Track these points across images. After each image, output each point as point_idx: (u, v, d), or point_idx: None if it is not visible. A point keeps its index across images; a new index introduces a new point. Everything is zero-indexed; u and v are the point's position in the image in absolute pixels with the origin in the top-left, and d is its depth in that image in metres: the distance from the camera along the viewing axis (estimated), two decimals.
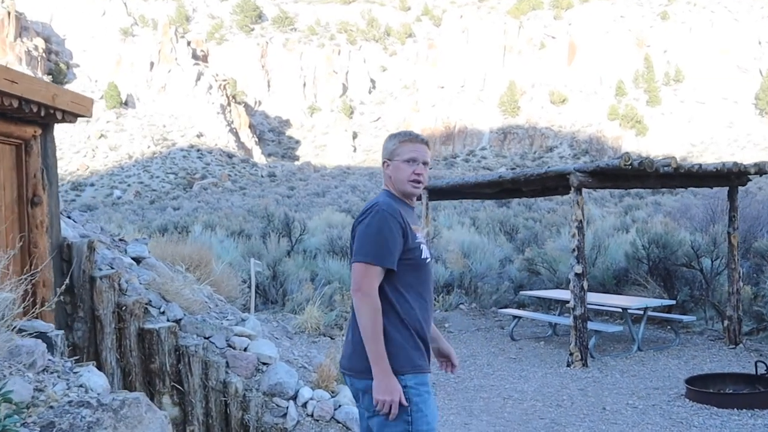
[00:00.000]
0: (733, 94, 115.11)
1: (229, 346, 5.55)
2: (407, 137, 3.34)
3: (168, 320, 5.40)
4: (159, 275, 5.97)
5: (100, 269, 5.22)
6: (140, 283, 5.58)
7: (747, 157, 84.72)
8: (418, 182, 3.30)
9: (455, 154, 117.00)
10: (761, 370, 7.92)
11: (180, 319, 5.48)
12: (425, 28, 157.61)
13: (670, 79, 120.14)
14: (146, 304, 5.33)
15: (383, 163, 3.37)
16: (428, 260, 3.30)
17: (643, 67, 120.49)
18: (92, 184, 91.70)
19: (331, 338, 11.64)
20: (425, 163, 3.32)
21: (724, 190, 19.12)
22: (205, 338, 5.45)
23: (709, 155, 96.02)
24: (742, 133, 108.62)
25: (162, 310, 5.49)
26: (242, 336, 5.74)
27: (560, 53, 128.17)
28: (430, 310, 3.33)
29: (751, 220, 14.41)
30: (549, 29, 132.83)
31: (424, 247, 3.28)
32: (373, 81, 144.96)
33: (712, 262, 12.87)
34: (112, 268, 5.36)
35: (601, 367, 9.49)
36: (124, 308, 5.09)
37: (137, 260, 6.28)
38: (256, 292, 14.74)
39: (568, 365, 9.49)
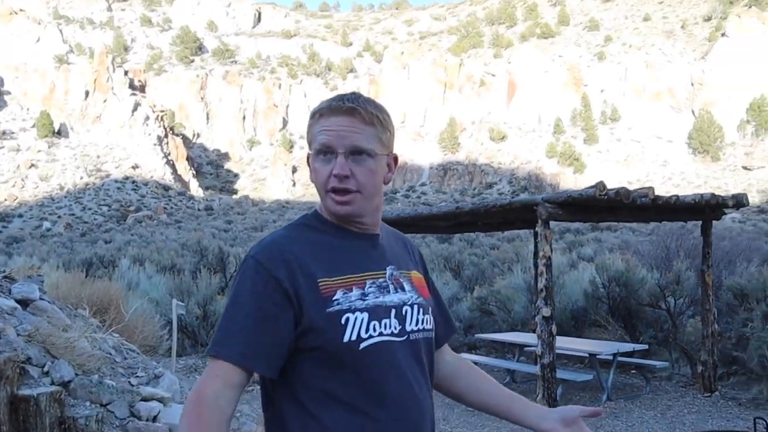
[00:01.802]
0: (667, 133, 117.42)
1: (134, 415, 4.33)
2: (319, 108, 1.84)
3: (53, 383, 4.18)
4: (50, 322, 4.75)
5: None
6: (19, 335, 4.35)
7: (681, 195, 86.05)
8: (344, 192, 1.79)
9: (395, 190, 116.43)
10: (761, 429, 6.98)
11: (69, 381, 4.26)
12: (366, 63, 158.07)
13: (606, 118, 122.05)
14: (23, 362, 4.11)
15: (307, 160, 1.91)
16: (379, 341, 1.75)
17: (580, 105, 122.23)
18: (20, 215, 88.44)
19: None
20: (357, 152, 1.79)
21: (666, 225, 18.45)
22: (101, 406, 4.23)
23: None
24: (677, 171, 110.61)
25: (46, 369, 4.26)
26: (152, 400, 4.54)
27: (500, 91, 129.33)
28: None
29: (720, 255, 13.70)
30: (489, 67, 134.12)
31: (359, 318, 1.74)
32: None
33: (675, 301, 12.06)
34: None
35: None
36: None
37: (24, 303, 5.04)
38: (183, 333, 13.44)
39: None
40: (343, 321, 1.72)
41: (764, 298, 10.20)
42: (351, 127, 1.78)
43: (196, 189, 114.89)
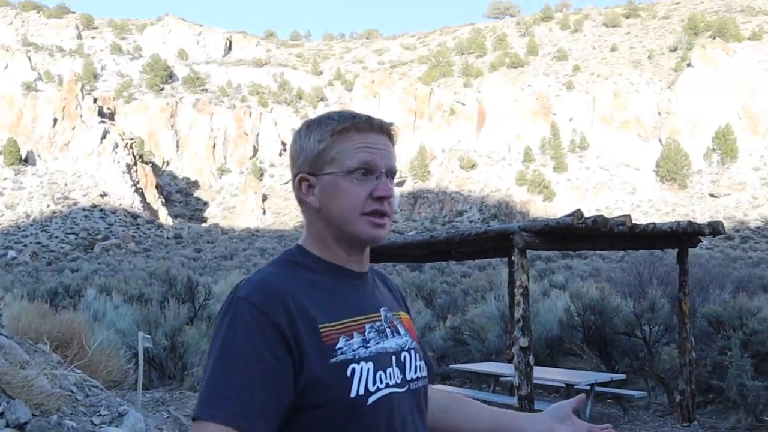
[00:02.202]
0: (635, 161, 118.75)
1: None
2: (350, 122, 1.64)
3: (8, 425, 3.92)
4: (7, 359, 4.50)
5: None
6: None
7: (657, 222, 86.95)
8: (384, 215, 1.64)
9: None
10: None
11: (25, 423, 4.00)
12: (337, 92, 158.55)
13: (575, 146, 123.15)
14: None
15: (299, 181, 1.66)
16: (386, 394, 1.56)
17: (549, 134, 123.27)
18: None
19: None
20: (391, 174, 1.66)
21: (636, 253, 18.43)
22: None
23: None
24: (645, 198, 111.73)
25: (0, 410, 4.00)
26: None
27: (470, 119, 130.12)
28: None
29: (693, 282, 13.64)
30: (459, 96, 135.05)
31: (365, 368, 1.54)
32: (284, 143, 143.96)
33: (651, 329, 11.97)
34: None
35: None
36: None
37: None
38: (151, 365, 13.09)
39: None
40: (348, 373, 1.51)
41: (741, 326, 10.13)
42: (387, 146, 1.66)
43: (165, 217, 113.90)
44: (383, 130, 1.67)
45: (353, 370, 1.52)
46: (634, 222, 8.31)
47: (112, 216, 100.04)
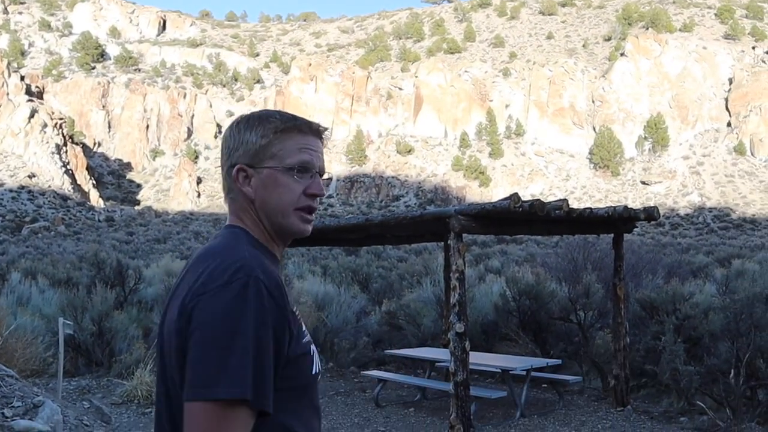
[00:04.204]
0: (569, 148, 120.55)
1: None
2: (292, 123, 1.77)
3: None
4: None
5: None
6: None
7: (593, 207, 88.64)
8: (313, 211, 1.78)
9: None
10: None
11: None
12: (273, 74, 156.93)
13: (511, 133, 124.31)
14: None
15: (237, 172, 1.74)
16: (319, 375, 1.73)
17: (485, 120, 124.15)
18: None
19: None
20: (322, 175, 1.81)
21: (570, 238, 18.63)
22: None
23: None
24: (579, 185, 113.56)
25: None
26: None
27: (407, 104, 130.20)
28: None
29: (626, 268, 13.75)
30: (396, 81, 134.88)
31: (314, 349, 1.72)
32: (219, 126, 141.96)
33: (585, 314, 12.01)
34: None
35: None
36: None
37: None
38: (77, 351, 12.65)
39: None
40: (311, 352, 1.69)
41: (674, 311, 10.21)
42: (321, 149, 1.84)
43: (96, 200, 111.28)
44: (319, 133, 1.84)
45: (313, 350, 1.70)
46: (571, 207, 8.26)
47: (41, 198, 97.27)
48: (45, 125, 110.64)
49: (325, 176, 1.82)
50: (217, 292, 1.50)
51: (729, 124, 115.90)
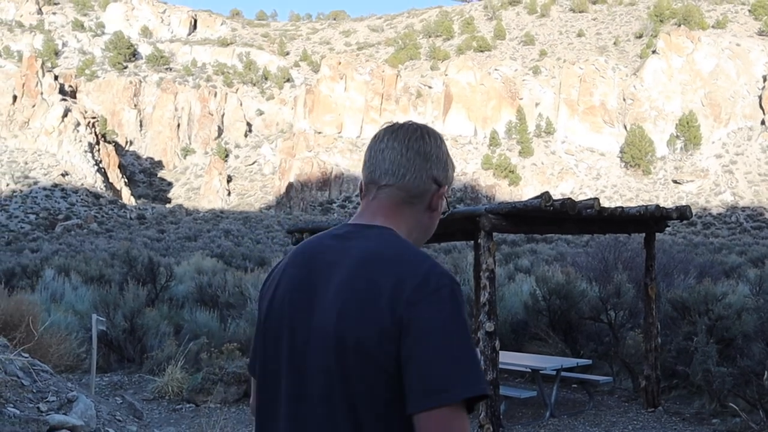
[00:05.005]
0: (600, 146, 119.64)
1: None
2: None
3: None
4: None
5: None
6: None
7: (625, 207, 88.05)
8: None
9: (331, 200, 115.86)
10: None
11: None
12: (303, 73, 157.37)
13: (541, 131, 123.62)
14: None
15: (436, 184, 1.82)
16: None
17: (515, 118, 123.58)
18: None
19: (196, 405, 9.89)
20: None
21: (601, 237, 18.44)
22: None
23: None
24: (609, 184, 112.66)
25: None
26: (62, 429, 4.06)
27: (436, 102, 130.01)
28: None
29: (657, 267, 13.63)
30: (426, 79, 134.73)
31: None
32: (249, 124, 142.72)
33: (616, 314, 11.92)
34: None
35: None
36: None
37: None
38: (109, 347, 12.80)
39: None
40: None
41: (706, 312, 10.11)
42: None
43: (128, 198, 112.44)
44: None
45: None
46: (603, 206, 8.21)
47: (74, 196, 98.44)
48: (78, 124, 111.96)
49: None
50: (433, 300, 1.53)
51: (763, 123, 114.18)
